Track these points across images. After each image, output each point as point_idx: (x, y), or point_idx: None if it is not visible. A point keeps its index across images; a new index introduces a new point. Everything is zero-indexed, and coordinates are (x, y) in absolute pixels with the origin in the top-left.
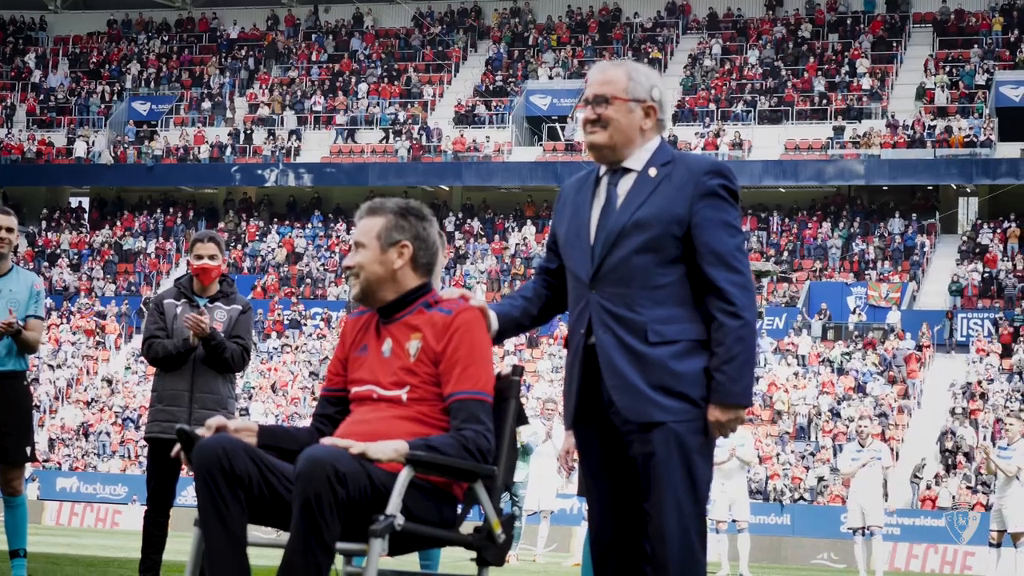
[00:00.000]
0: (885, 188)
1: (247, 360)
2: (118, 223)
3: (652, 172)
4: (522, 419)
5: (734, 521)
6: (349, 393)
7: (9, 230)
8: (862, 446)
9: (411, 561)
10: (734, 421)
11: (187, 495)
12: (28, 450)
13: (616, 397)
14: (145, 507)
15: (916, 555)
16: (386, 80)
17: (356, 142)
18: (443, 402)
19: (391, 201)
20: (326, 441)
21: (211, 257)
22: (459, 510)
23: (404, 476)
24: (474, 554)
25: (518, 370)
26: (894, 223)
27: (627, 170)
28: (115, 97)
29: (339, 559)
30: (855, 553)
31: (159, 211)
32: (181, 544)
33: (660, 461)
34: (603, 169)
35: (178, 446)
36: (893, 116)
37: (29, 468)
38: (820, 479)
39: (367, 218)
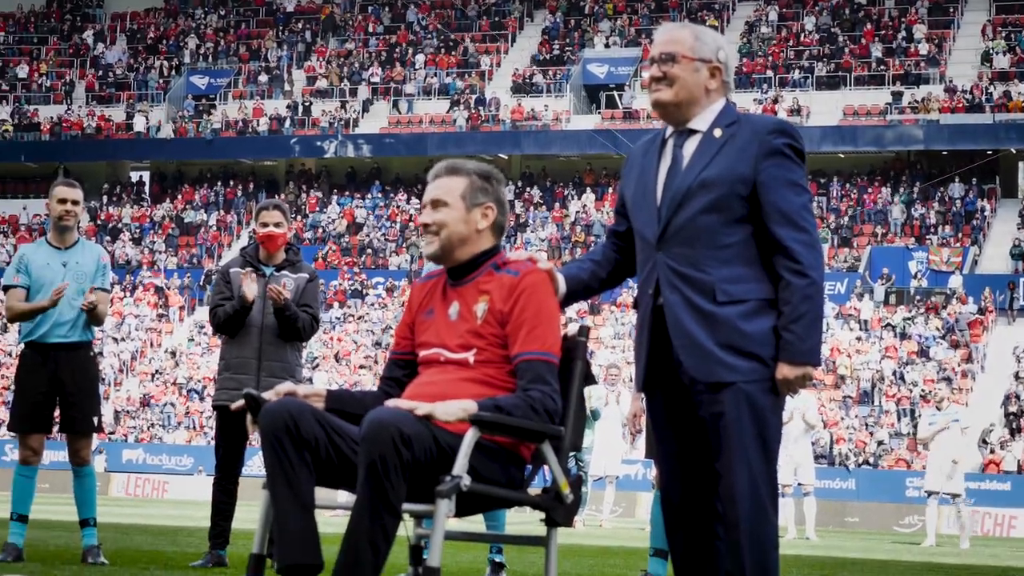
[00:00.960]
0: (944, 153)
1: (316, 328)
2: (178, 196)
3: (717, 133)
4: (590, 379)
5: (800, 485)
6: (417, 356)
7: (75, 203)
8: (939, 410)
9: (476, 521)
10: (802, 379)
11: (253, 464)
12: (95, 420)
13: (684, 357)
14: (213, 475)
15: (982, 519)
16: (443, 50)
17: (415, 112)
18: (510, 364)
19: (470, 163)
20: (391, 403)
21: (276, 225)
22: (527, 472)
23: (470, 437)
24: (541, 516)
25: (584, 331)
26: (954, 188)
27: (692, 131)
28: (173, 72)
29: (409, 522)
30: (927, 515)
31: (219, 184)
32: (249, 512)
33: (730, 421)
34: (669, 131)
35: (246, 410)
36: (951, 81)
37: (96, 440)
38: (880, 443)
39: (447, 177)
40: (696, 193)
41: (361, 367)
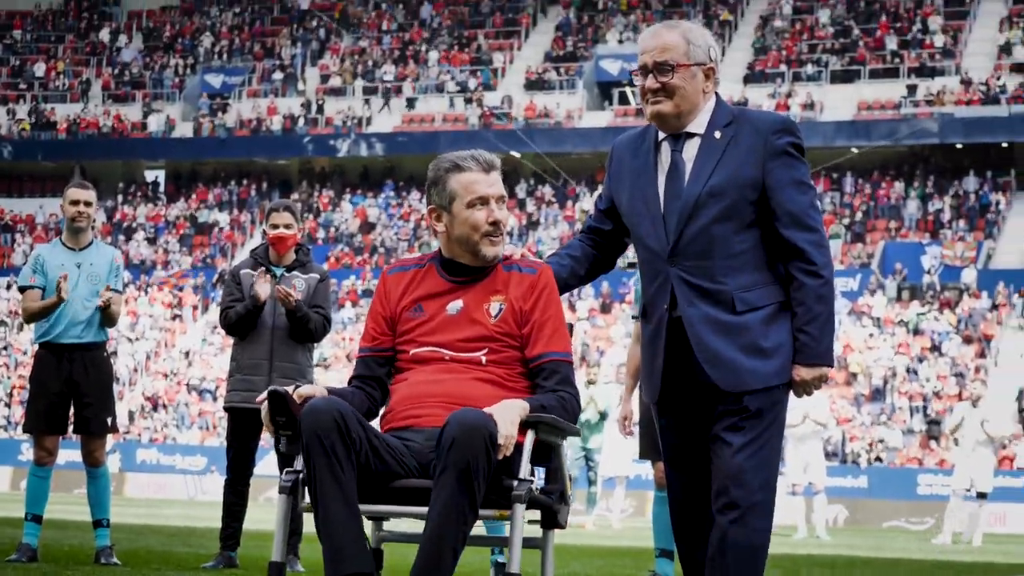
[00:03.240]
0: (959, 147)
1: (328, 329)
2: (193, 196)
3: (717, 135)
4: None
5: (810, 484)
6: (404, 353)
7: (88, 204)
8: (975, 407)
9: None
10: (818, 380)
11: (263, 465)
12: (109, 420)
13: (710, 370)
14: (225, 476)
15: (996, 514)
16: (456, 48)
17: (427, 110)
18: (527, 364)
19: (496, 159)
20: (505, 404)
21: (287, 226)
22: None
23: (531, 439)
24: (532, 516)
25: (569, 329)
26: (969, 182)
27: (690, 134)
28: (188, 70)
29: (368, 524)
30: (947, 511)
31: (233, 183)
32: (260, 513)
33: (752, 419)
34: (661, 134)
35: (265, 407)
36: (967, 73)
37: (110, 440)
38: (881, 441)
39: (497, 173)
40: (706, 203)
41: None
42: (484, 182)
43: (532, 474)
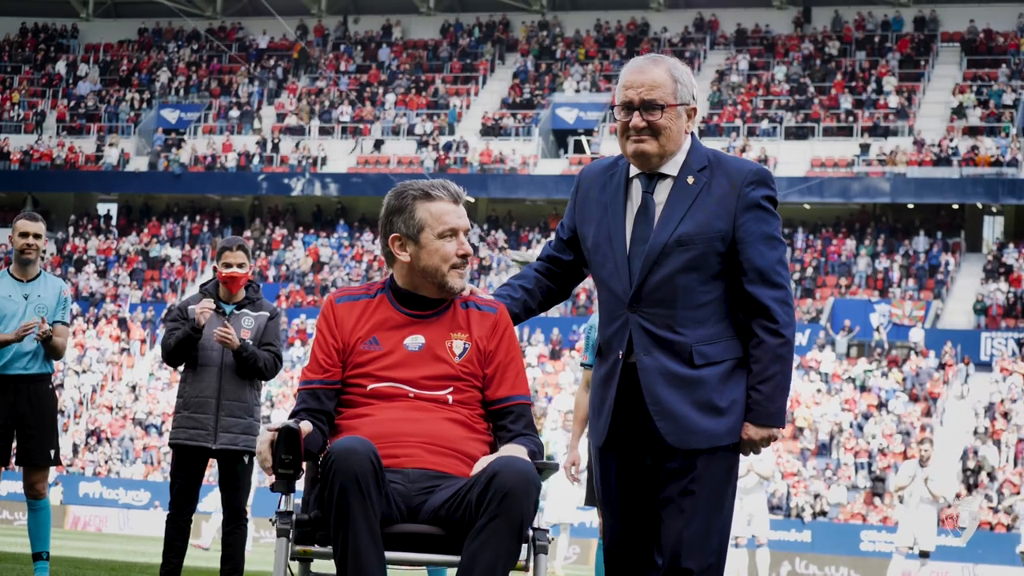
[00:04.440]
0: (910, 206)
1: (279, 367)
2: (145, 230)
3: (690, 180)
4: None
5: (753, 536)
6: (357, 388)
7: (37, 236)
8: (923, 466)
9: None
10: (767, 440)
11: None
12: (52, 453)
13: (660, 424)
14: (168, 512)
15: (937, 573)
16: (413, 91)
17: (383, 152)
18: (488, 405)
19: (462, 190)
20: (511, 450)
21: (239, 265)
22: None
23: (544, 486)
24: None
25: None
26: (919, 241)
27: (662, 175)
28: (144, 105)
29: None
30: (889, 569)
31: (186, 219)
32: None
33: (698, 481)
34: (633, 171)
35: (267, 442)
36: (920, 134)
37: (53, 472)
38: (817, 496)
39: (462, 205)
40: (673, 251)
41: None
42: (454, 213)
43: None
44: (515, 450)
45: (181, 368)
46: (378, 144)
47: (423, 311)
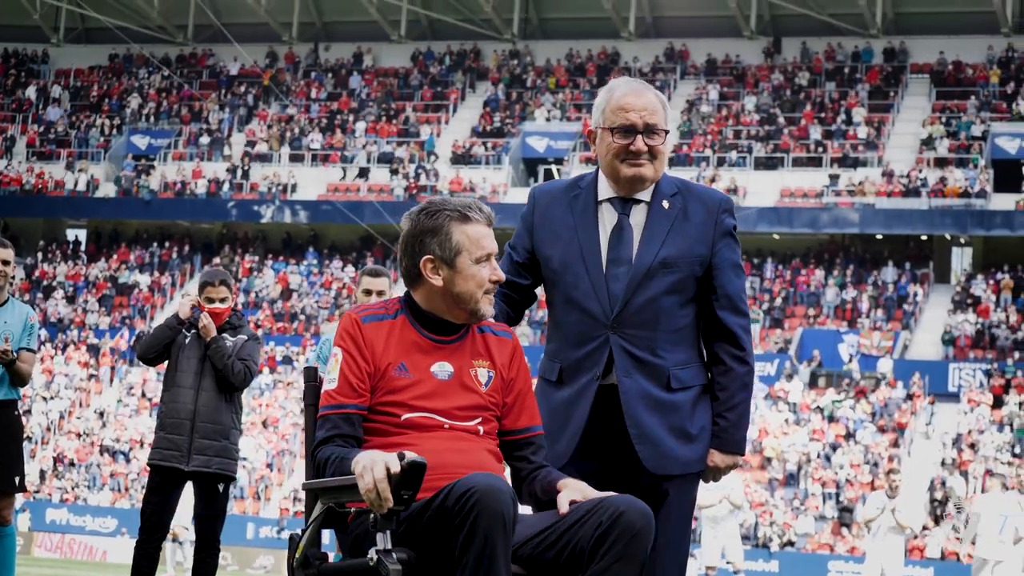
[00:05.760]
0: (879, 237)
1: (248, 378)
2: (114, 256)
3: (665, 204)
4: None
5: (728, 563)
6: (388, 416)
7: (5, 263)
8: (891, 497)
9: None
10: (730, 467)
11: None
12: (17, 480)
13: (639, 447)
14: (137, 537)
15: None
16: (384, 119)
17: (353, 180)
18: (506, 434)
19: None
20: (576, 485)
21: (222, 300)
22: None
23: None
24: None
25: None
26: (887, 272)
27: (636, 200)
28: (114, 131)
29: None
30: None
31: (155, 245)
32: None
33: (669, 508)
34: (604, 194)
35: (382, 475)
36: (889, 165)
37: (20, 499)
38: (772, 523)
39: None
40: (657, 273)
41: (287, 435)
42: (489, 236)
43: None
44: (579, 484)
45: (158, 394)
46: (364, 172)
47: (446, 336)
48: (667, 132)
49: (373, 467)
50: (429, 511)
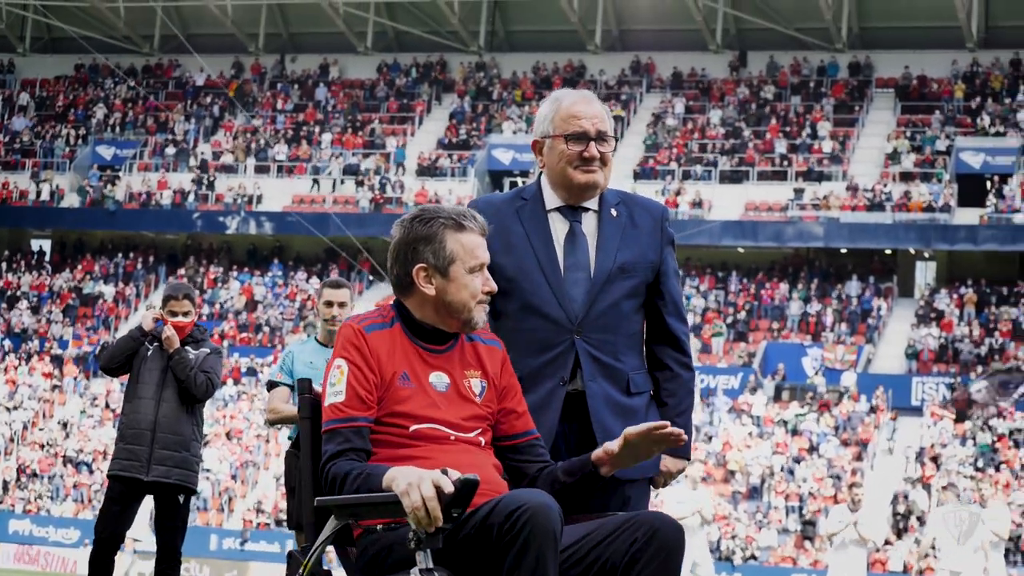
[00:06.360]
0: (843, 251)
1: (210, 389)
2: (79, 266)
3: (613, 212)
4: None
5: None
6: (396, 428)
7: None
8: (853, 511)
9: None
10: (679, 472)
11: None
12: None
13: None
14: (92, 548)
15: None
16: (349, 130)
17: (318, 191)
18: (506, 440)
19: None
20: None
21: (185, 313)
22: None
23: None
24: None
25: None
26: (851, 286)
27: (584, 208)
28: (80, 141)
29: None
30: None
31: (120, 255)
32: None
33: (632, 509)
34: (551, 203)
35: (429, 492)
36: (853, 179)
37: None
38: (734, 537)
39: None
40: (617, 278)
41: (251, 447)
42: (483, 247)
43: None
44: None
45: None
46: (337, 184)
47: (439, 345)
48: (616, 140)
49: (420, 484)
50: (467, 528)
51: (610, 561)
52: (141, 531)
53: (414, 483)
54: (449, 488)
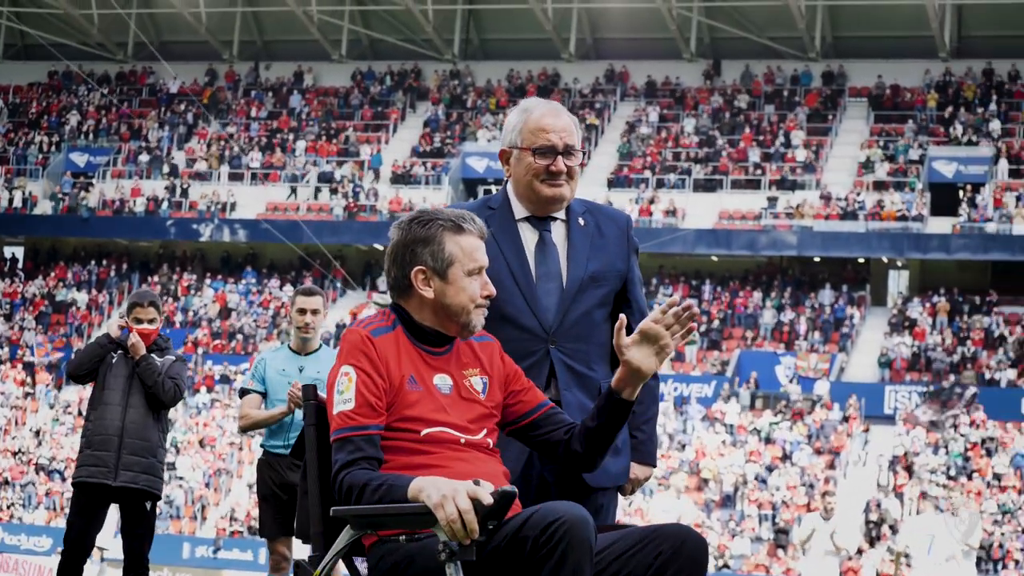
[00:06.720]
0: (817, 259)
1: (178, 395)
2: (52, 274)
3: (581, 222)
4: None
5: None
6: (407, 432)
7: None
8: (826, 519)
9: None
10: (646, 480)
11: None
12: None
13: None
14: (61, 557)
15: None
16: (324, 138)
17: (292, 199)
18: (525, 417)
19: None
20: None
21: (150, 321)
22: None
23: None
24: None
25: None
26: (824, 294)
27: (552, 218)
28: (53, 148)
29: None
30: None
31: (93, 263)
32: None
33: (604, 516)
34: (519, 213)
35: (464, 503)
36: (827, 188)
37: None
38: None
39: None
40: (588, 287)
41: (224, 454)
42: (481, 250)
43: None
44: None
45: (85, 410)
46: (316, 192)
47: (439, 348)
48: (583, 152)
49: (456, 496)
50: (497, 540)
51: (634, 573)
52: (107, 540)
53: (448, 495)
54: (488, 500)
